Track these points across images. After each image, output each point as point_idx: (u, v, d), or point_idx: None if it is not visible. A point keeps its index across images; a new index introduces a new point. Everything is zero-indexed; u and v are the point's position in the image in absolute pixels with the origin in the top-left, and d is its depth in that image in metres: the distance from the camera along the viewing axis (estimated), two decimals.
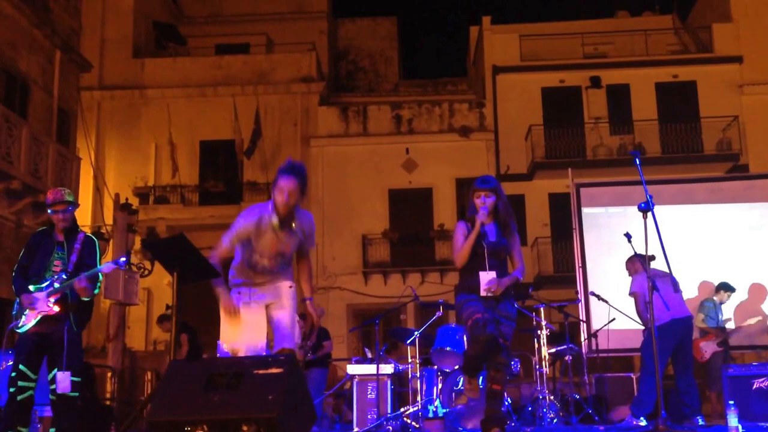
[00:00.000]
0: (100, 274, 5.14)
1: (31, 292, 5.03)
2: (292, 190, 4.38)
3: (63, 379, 4.95)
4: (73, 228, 5.25)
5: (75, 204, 5.29)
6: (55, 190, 5.32)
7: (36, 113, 14.68)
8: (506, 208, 4.92)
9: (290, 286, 4.63)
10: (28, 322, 5.02)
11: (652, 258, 6.81)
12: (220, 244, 4.53)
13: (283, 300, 4.59)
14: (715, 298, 8.77)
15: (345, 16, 25.13)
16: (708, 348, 8.42)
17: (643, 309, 6.92)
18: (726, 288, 8.79)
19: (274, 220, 4.45)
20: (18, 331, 5.09)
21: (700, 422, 6.48)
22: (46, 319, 5.01)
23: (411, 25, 38.11)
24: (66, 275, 5.03)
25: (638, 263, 7.11)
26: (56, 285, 5.01)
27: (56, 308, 4.99)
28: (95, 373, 10.28)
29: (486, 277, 4.73)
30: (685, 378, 6.71)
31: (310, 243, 4.70)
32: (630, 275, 7.31)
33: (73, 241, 5.17)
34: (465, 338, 4.84)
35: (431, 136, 19.77)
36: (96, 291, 5.17)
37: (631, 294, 7.08)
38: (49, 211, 5.19)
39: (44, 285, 5.04)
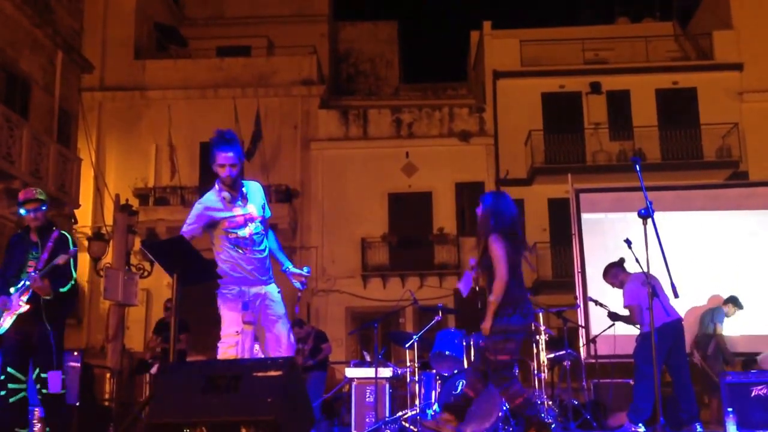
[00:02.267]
0: (73, 271, 5.14)
1: (10, 294, 5.05)
2: (233, 163, 4.60)
3: (52, 379, 4.94)
4: (46, 227, 5.25)
5: (46, 203, 5.30)
6: (27, 189, 5.37)
7: (37, 113, 14.68)
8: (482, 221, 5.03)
9: (279, 291, 4.69)
10: (4, 323, 5.03)
11: (623, 261, 6.81)
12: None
13: (276, 308, 4.63)
14: (723, 308, 8.80)
15: (346, 20, 25.13)
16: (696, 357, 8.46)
17: (639, 318, 6.84)
18: (735, 303, 8.80)
19: (226, 194, 4.61)
20: None
21: (699, 429, 6.47)
22: (22, 319, 5.01)
23: (411, 29, 38.11)
24: (36, 273, 5.03)
25: (621, 274, 7.05)
26: (27, 283, 5.01)
27: (26, 306, 5.00)
28: (94, 374, 10.28)
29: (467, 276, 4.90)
30: (681, 381, 6.70)
31: (266, 211, 4.82)
32: (615, 287, 7.15)
33: (47, 240, 5.17)
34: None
35: (431, 140, 19.78)
36: (64, 288, 5.08)
37: (627, 307, 6.91)
38: (20, 210, 5.22)
39: (20, 285, 5.05)
